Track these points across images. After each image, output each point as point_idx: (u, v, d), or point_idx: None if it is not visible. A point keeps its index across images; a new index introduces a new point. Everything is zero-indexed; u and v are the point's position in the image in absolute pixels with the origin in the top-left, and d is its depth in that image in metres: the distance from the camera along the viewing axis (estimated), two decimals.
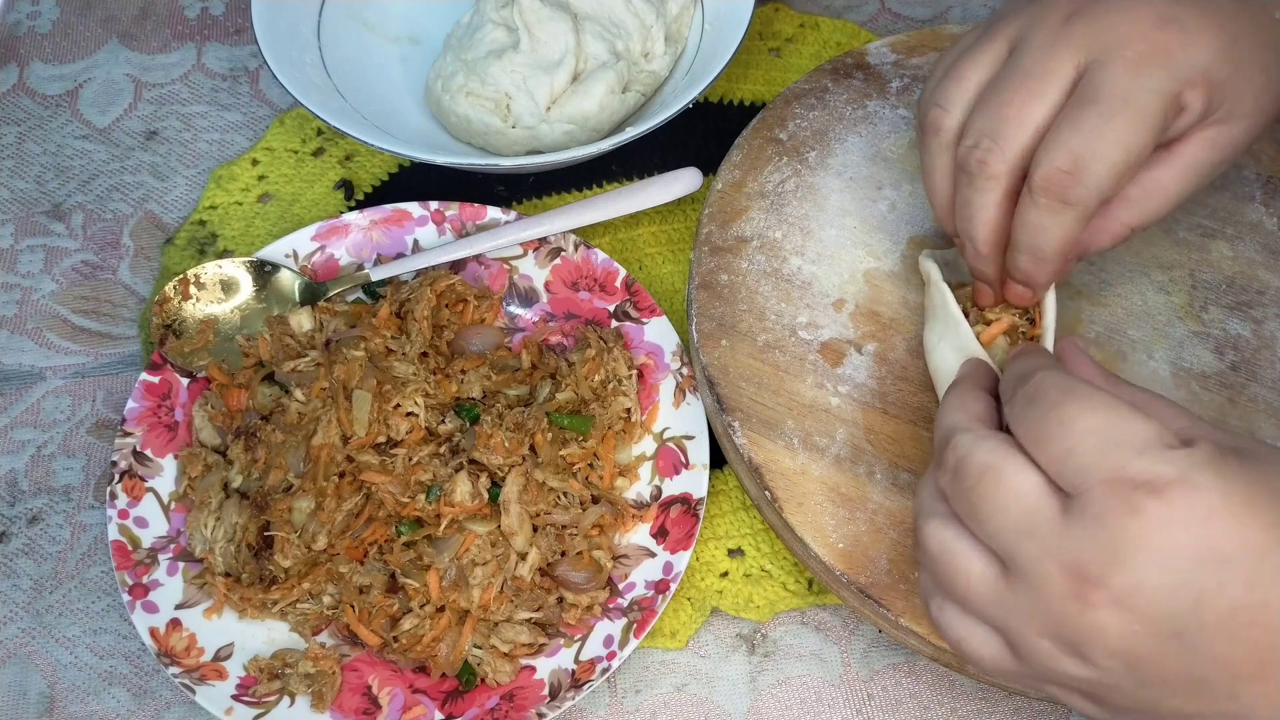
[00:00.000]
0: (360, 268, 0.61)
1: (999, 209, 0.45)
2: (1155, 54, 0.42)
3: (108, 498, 0.53)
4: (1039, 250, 0.44)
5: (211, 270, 0.59)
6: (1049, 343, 0.47)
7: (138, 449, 0.55)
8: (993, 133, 0.43)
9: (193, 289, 0.59)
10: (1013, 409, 0.38)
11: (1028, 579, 0.35)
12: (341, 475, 0.52)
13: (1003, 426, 0.39)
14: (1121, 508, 0.33)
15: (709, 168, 0.63)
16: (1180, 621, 0.33)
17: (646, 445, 0.56)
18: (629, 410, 0.56)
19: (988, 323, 0.49)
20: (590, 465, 0.54)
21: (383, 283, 0.60)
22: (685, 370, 0.57)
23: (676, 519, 0.53)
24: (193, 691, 0.49)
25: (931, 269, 0.50)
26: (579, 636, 0.52)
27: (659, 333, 0.58)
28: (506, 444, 0.52)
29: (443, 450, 0.53)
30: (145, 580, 0.52)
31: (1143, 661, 0.33)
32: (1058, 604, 0.34)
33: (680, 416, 0.56)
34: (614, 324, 0.59)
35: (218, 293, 0.59)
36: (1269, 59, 0.44)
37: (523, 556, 0.52)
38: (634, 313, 0.59)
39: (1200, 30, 0.42)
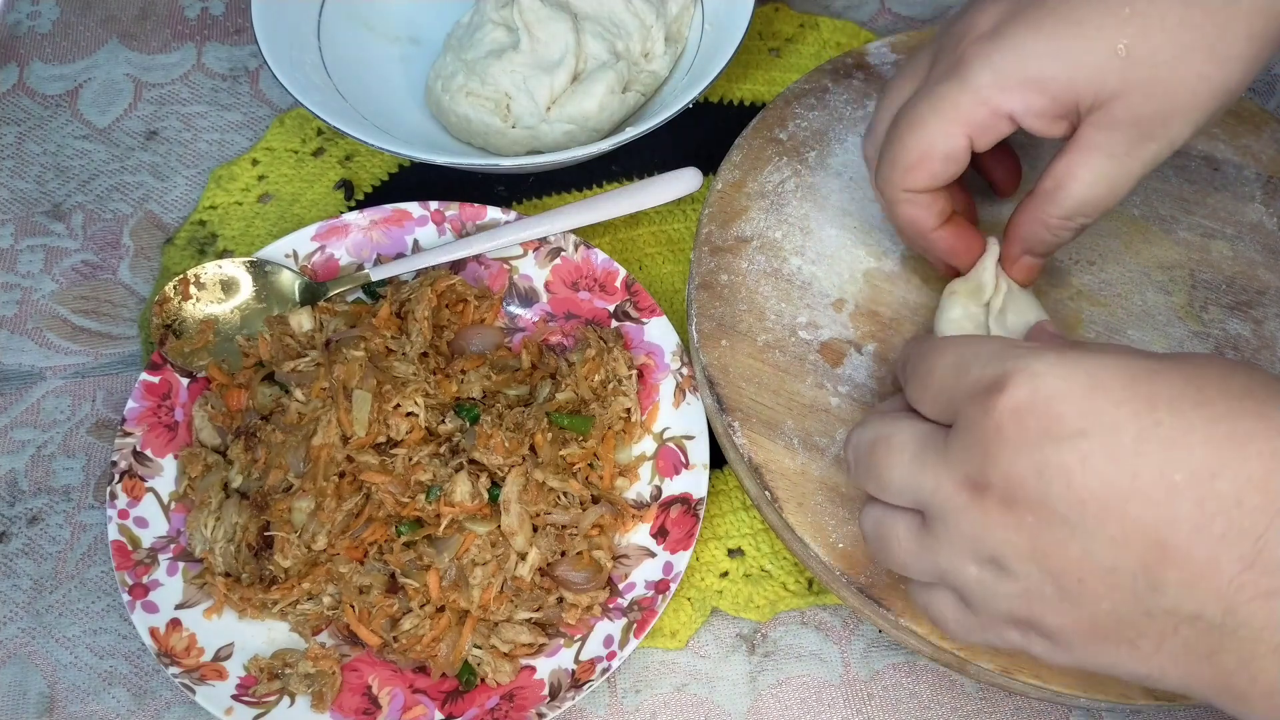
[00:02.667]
0: (360, 268, 0.61)
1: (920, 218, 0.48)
2: (975, 55, 0.43)
3: (108, 498, 0.53)
4: (901, 230, 0.49)
5: (211, 270, 0.59)
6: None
7: (138, 449, 0.55)
8: (887, 160, 0.47)
9: (193, 289, 0.59)
10: (904, 384, 0.40)
11: (937, 514, 0.37)
12: (341, 475, 0.52)
13: None
14: (978, 412, 0.35)
15: (709, 168, 0.63)
16: (1062, 504, 0.33)
17: (646, 445, 0.56)
18: (629, 410, 0.56)
19: None
20: (590, 465, 0.54)
21: (383, 283, 0.60)
22: (685, 370, 0.57)
23: (676, 519, 0.53)
24: (193, 691, 0.49)
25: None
26: (579, 636, 0.52)
27: (659, 333, 0.58)
28: (506, 444, 0.52)
29: (443, 450, 0.53)
30: (145, 580, 0.52)
31: (1050, 557, 0.34)
32: (965, 523, 0.36)
33: (680, 416, 0.56)
34: (614, 324, 0.59)
35: (218, 293, 0.59)
36: (1184, 43, 0.41)
37: (523, 556, 0.52)
38: (634, 313, 0.59)
39: (1034, 29, 0.42)
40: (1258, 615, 0.31)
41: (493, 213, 0.61)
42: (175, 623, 0.51)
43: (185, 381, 0.57)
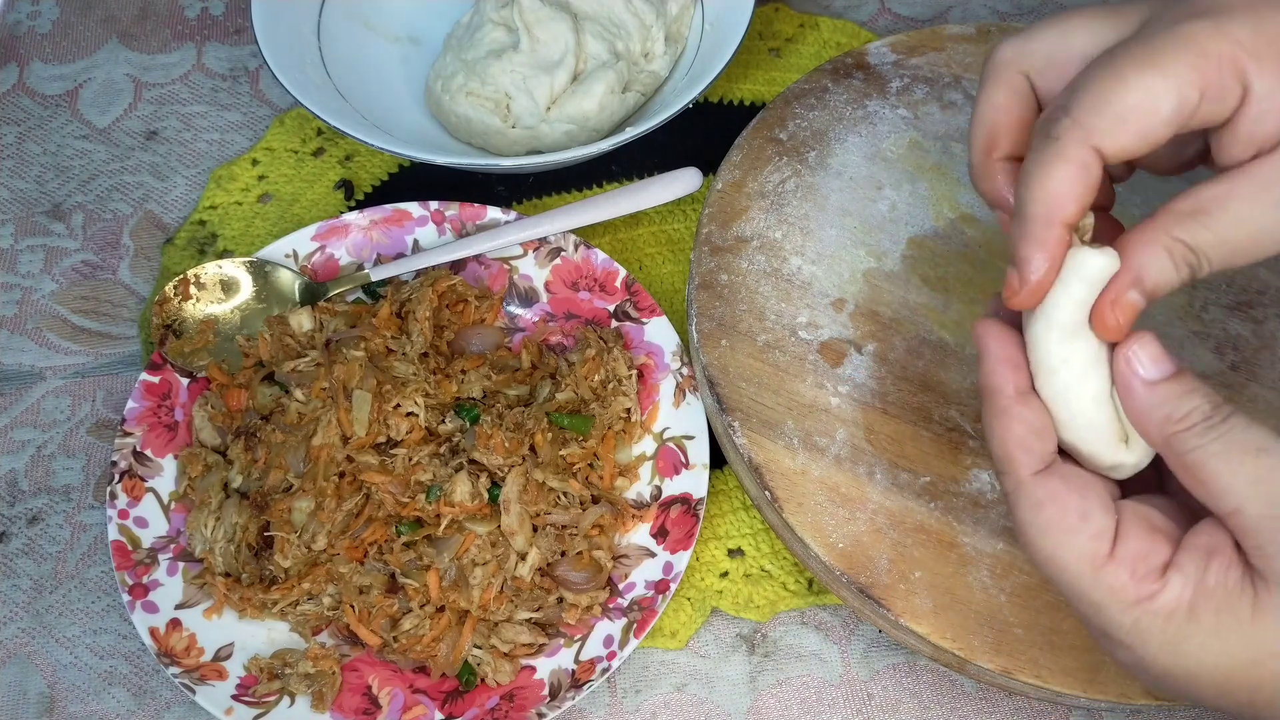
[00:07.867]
0: (360, 268, 0.61)
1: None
2: (1223, 6, 0.34)
3: (108, 498, 0.53)
4: (1020, 199, 0.36)
5: (211, 270, 0.59)
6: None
7: (138, 449, 0.55)
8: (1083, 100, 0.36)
9: (193, 289, 0.59)
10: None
11: None
12: (341, 475, 0.52)
13: None
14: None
15: (709, 168, 0.63)
16: None
17: (646, 445, 0.56)
18: (629, 410, 0.56)
19: None
20: (590, 465, 0.54)
21: (383, 283, 0.60)
22: (685, 370, 0.57)
23: (676, 519, 0.53)
24: (193, 691, 0.49)
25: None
26: (579, 636, 0.52)
27: (659, 333, 0.58)
28: (506, 444, 0.52)
29: (443, 450, 0.53)
30: (145, 580, 0.52)
31: None
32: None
33: (680, 416, 0.56)
34: (614, 324, 0.59)
35: (218, 293, 0.59)
36: None
37: (523, 556, 0.52)
38: (634, 313, 0.59)
39: None
40: None
41: (493, 213, 0.61)
42: (175, 623, 0.51)
43: (185, 381, 0.57)
